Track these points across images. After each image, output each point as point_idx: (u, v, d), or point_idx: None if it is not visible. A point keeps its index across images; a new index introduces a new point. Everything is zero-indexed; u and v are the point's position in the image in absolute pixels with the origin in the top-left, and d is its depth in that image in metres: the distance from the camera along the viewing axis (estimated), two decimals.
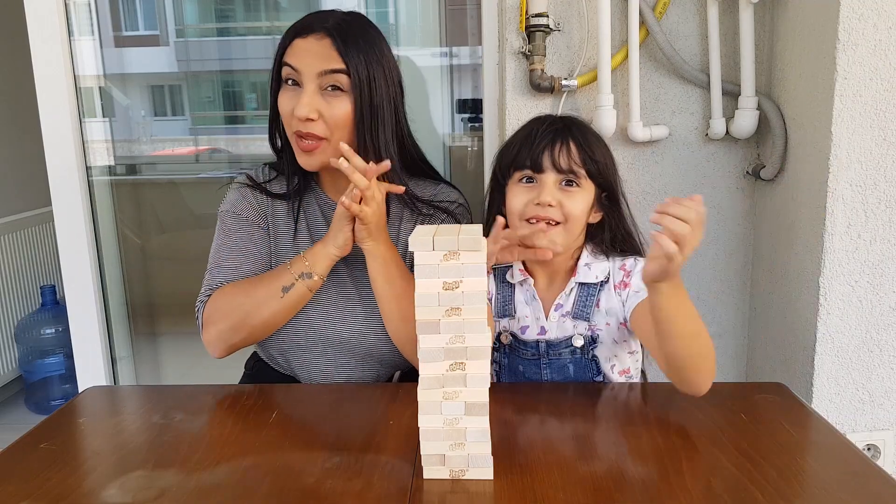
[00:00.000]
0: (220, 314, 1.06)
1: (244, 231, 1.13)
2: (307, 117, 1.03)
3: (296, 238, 1.14)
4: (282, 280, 1.05)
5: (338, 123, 1.05)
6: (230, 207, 1.15)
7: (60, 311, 2.49)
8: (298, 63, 1.04)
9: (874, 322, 1.28)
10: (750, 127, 1.43)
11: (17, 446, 0.85)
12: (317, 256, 1.06)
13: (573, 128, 1.03)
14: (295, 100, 1.04)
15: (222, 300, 1.07)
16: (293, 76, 1.05)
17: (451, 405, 0.72)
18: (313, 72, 1.03)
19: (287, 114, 1.06)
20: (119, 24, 2.02)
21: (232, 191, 1.17)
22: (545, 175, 1.00)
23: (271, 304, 1.05)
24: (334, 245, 1.05)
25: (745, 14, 1.38)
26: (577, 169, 1.00)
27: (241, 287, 1.07)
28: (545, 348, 1.05)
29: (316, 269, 1.05)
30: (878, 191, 1.22)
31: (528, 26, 1.41)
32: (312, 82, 1.04)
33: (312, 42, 1.04)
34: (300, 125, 1.04)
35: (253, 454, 0.81)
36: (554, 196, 0.99)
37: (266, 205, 1.15)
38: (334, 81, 1.04)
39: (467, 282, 0.69)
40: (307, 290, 1.06)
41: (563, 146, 1.00)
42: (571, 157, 1.00)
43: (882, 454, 1.33)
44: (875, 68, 1.18)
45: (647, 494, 0.70)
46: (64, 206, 1.73)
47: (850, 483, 0.72)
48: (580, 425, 0.88)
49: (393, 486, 0.73)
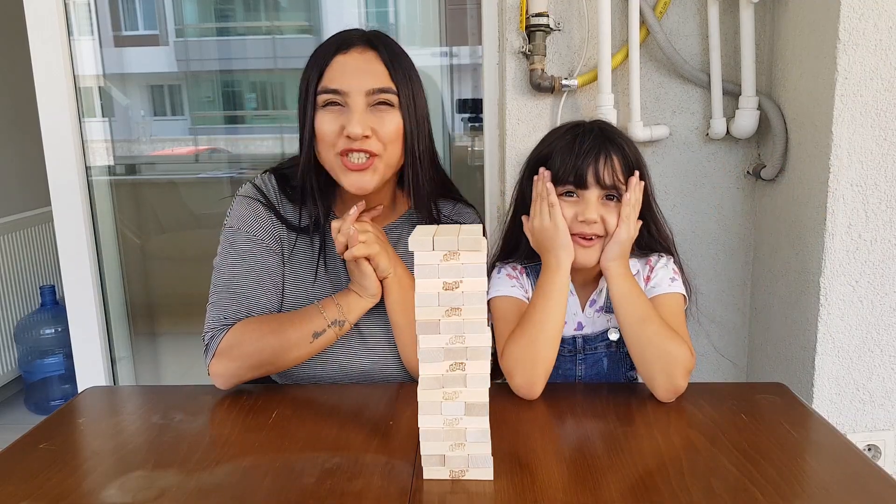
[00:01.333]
0: (242, 352, 1.00)
1: (259, 256, 1.06)
2: (363, 135, 0.98)
3: (316, 270, 1.10)
4: (314, 325, 1.01)
5: (391, 139, 1.01)
6: (242, 225, 1.07)
7: (60, 311, 2.49)
8: (345, 84, 0.99)
9: (874, 322, 1.27)
10: (750, 127, 1.43)
11: (17, 446, 0.85)
12: (352, 305, 1.03)
13: (615, 139, 1.02)
14: (340, 119, 1.00)
15: (246, 337, 1.01)
16: (336, 99, 1.00)
17: (451, 405, 0.72)
18: (362, 89, 0.99)
19: (332, 134, 1.00)
20: (119, 24, 2.02)
21: (240, 204, 1.09)
22: (589, 192, 0.99)
23: (301, 349, 1.01)
24: (369, 295, 1.03)
25: (746, 14, 1.38)
26: (619, 185, 0.99)
27: (269, 326, 1.02)
28: (581, 343, 1.06)
29: (350, 317, 1.03)
30: (878, 191, 1.22)
31: (529, 26, 1.41)
32: (361, 100, 0.99)
33: (356, 57, 1.01)
34: (352, 143, 0.99)
35: (253, 454, 0.81)
36: (598, 212, 0.99)
37: (280, 227, 1.09)
38: (384, 99, 1.00)
39: (467, 282, 0.69)
40: (335, 337, 1.03)
41: (608, 161, 0.99)
42: (615, 172, 0.99)
43: (882, 454, 1.33)
44: (875, 68, 1.18)
45: (647, 494, 0.70)
46: (64, 206, 1.73)
47: (850, 483, 0.72)
48: (580, 425, 0.88)
49: (393, 486, 0.73)
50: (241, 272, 1.05)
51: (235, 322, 1.02)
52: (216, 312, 1.04)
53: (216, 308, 1.04)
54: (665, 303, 1.02)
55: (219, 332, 1.02)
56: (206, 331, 1.04)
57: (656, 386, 0.93)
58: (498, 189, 1.63)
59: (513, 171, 1.52)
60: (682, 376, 0.92)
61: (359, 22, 2.05)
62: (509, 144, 1.51)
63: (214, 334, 1.02)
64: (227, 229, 1.08)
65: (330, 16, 2.09)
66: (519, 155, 1.52)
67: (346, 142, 0.99)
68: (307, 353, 1.03)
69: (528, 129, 1.50)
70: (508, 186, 1.53)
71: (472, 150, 2.00)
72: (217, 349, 1.01)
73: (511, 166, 1.52)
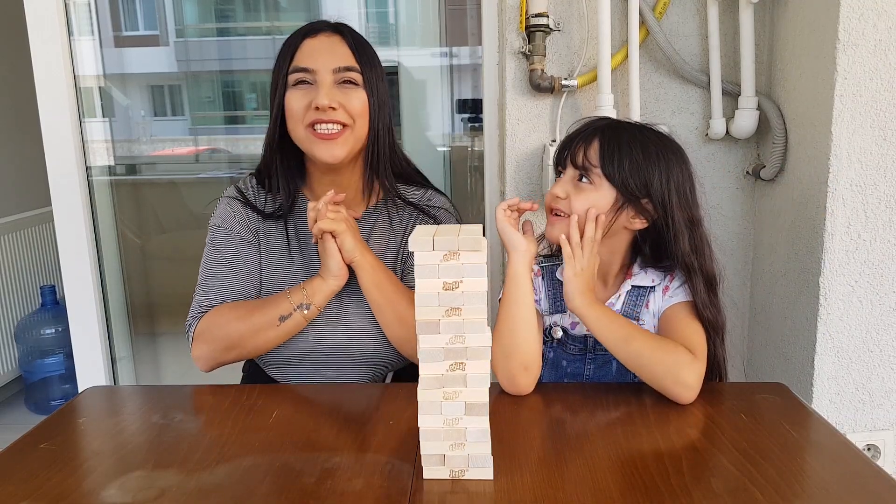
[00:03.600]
0: (213, 335, 1.08)
1: (234, 248, 1.14)
2: (329, 106, 1.05)
3: (290, 254, 1.15)
4: (280, 309, 1.07)
5: (358, 112, 1.08)
6: (220, 222, 1.15)
7: (60, 311, 2.49)
8: (312, 62, 1.07)
9: (874, 322, 1.28)
10: (750, 127, 1.43)
11: (17, 446, 0.85)
12: (316, 289, 1.07)
13: (609, 129, 1.02)
14: (308, 96, 1.06)
15: (216, 322, 1.08)
16: (305, 77, 1.07)
17: (451, 405, 0.72)
18: (329, 67, 1.07)
19: (301, 109, 1.07)
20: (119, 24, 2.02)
21: (221, 204, 1.18)
22: (567, 170, 1.03)
23: (267, 333, 1.07)
24: (332, 276, 1.07)
25: (745, 14, 1.38)
26: (589, 166, 1.00)
27: (238, 311, 1.09)
28: (593, 343, 1.06)
29: (315, 300, 1.07)
30: (878, 191, 1.22)
31: (528, 26, 1.41)
32: (328, 77, 1.07)
33: (323, 40, 1.09)
34: (321, 115, 1.06)
35: (253, 454, 0.81)
36: (565, 189, 1.01)
37: (256, 220, 1.16)
38: (349, 77, 1.08)
39: (467, 282, 0.69)
40: (303, 320, 1.08)
41: (586, 145, 1.01)
42: (588, 154, 1.00)
43: (882, 454, 1.33)
44: (875, 68, 1.18)
45: (647, 494, 0.70)
46: (64, 206, 1.73)
47: (850, 483, 0.72)
48: (580, 425, 0.88)
49: (393, 486, 0.73)
50: (217, 264, 1.13)
51: (210, 309, 1.10)
52: (195, 303, 1.13)
53: (196, 299, 1.13)
54: (681, 309, 1.02)
55: (195, 319, 1.11)
56: (187, 320, 1.12)
57: (667, 393, 0.93)
58: (498, 189, 1.63)
59: (513, 171, 1.52)
60: (687, 375, 0.91)
61: (359, 22, 2.05)
62: (509, 144, 1.51)
63: (192, 322, 1.11)
64: (210, 228, 1.17)
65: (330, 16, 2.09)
66: (519, 155, 1.52)
67: (314, 114, 1.06)
68: (276, 336, 1.08)
69: (528, 129, 1.50)
70: (508, 186, 1.53)
71: (472, 150, 2.00)
72: (194, 335, 1.10)
73: (511, 166, 1.52)
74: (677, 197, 1.00)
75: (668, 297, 1.04)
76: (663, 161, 1.01)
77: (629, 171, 0.99)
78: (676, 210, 1.00)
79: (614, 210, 1.01)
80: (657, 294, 1.05)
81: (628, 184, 0.99)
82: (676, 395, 0.92)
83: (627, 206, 1.01)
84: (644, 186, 1.00)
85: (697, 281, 1.01)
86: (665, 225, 1.01)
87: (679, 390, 0.92)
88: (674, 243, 1.01)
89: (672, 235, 1.01)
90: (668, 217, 1.00)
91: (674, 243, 1.01)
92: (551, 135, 1.50)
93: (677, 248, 1.01)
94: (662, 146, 1.02)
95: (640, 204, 1.01)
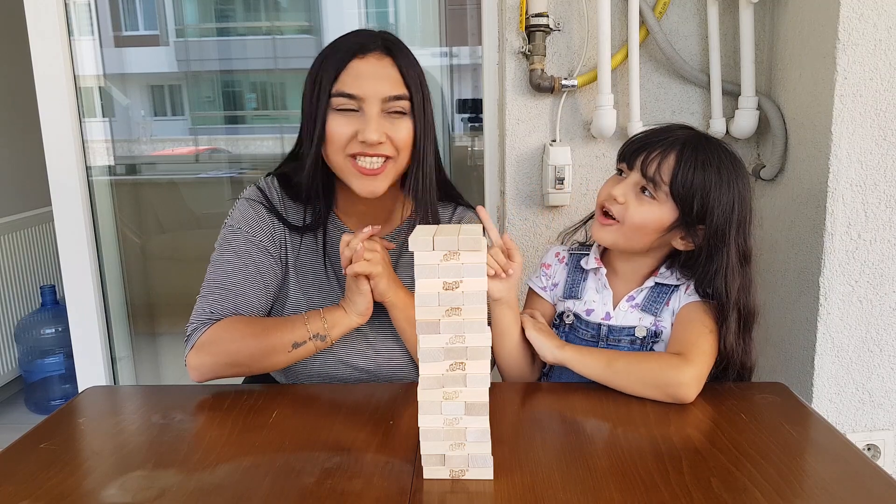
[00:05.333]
0: (220, 349, 1.01)
1: (256, 256, 1.06)
2: (378, 142, 0.99)
3: (326, 274, 1.10)
4: (295, 335, 1.01)
5: (403, 145, 1.02)
6: (242, 225, 1.07)
7: (60, 311, 2.49)
8: (360, 90, 0.99)
9: (874, 322, 1.28)
10: (750, 127, 1.43)
11: (17, 446, 0.85)
12: (336, 321, 1.02)
13: (689, 147, 0.97)
14: (353, 125, 1.00)
15: (227, 335, 1.01)
16: (351, 105, 1.00)
17: (451, 405, 0.72)
18: (378, 97, 1.00)
19: (344, 137, 1.01)
20: (119, 24, 2.02)
21: (243, 206, 1.09)
22: (632, 174, 1.00)
23: (277, 356, 1.01)
24: (356, 313, 1.02)
25: (745, 14, 1.38)
26: (659, 181, 0.97)
27: (252, 328, 1.02)
28: (606, 331, 1.06)
29: (332, 333, 1.02)
30: (878, 191, 1.22)
31: (528, 26, 1.41)
32: (376, 107, 1.00)
33: (373, 62, 1.01)
34: (366, 148, 1.00)
35: (253, 454, 0.81)
36: (624, 194, 0.99)
37: (282, 231, 1.09)
38: (398, 107, 1.01)
39: (467, 282, 0.69)
40: (314, 350, 1.03)
41: (661, 155, 0.97)
42: (661, 168, 0.97)
43: (882, 454, 1.33)
44: (875, 68, 1.18)
45: (647, 494, 0.70)
46: (64, 206, 1.73)
47: (850, 483, 0.72)
48: (580, 425, 0.88)
49: (393, 486, 0.73)
50: (233, 269, 1.05)
51: (220, 318, 1.03)
52: (203, 305, 1.04)
53: (204, 301, 1.05)
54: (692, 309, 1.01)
55: (202, 325, 1.02)
56: (190, 321, 1.04)
57: (666, 397, 0.92)
58: (498, 189, 1.63)
59: (513, 170, 1.52)
60: (677, 374, 0.91)
61: (359, 22, 2.05)
62: (509, 144, 1.51)
63: (198, 327, 1.03)
64: (227, 227, 1.09)
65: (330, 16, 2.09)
66: (519, 155, 1.52)
67: (359, 146, 1.00)
68: (284, 361, 1.02)
69: (528, 129, 1.50)
70: (508, 186, 1.53)
71: (472, 150, 2.00)
72: (197, 342, 1.01)
73: (511, 166, 1.52)
74: (736, 229, 0.98)
75: (687, 295, 1.03)
76: (734, 190, 0.98)
77: (697, 198, 0.96)
78: (731, 242, 0.98)
79: (667, 229, 0.99)
80: (679, 293, 1.04)
81: (692, 208, 0.97)
82: (675, 395, 0.92)
83: (681, 228, 0.99)
84: (705, 214, 0.97)
85: (731, 316, 0.97)
86: (710, 253, 0.99)
87: (674, 389, 0.91)
88: (719, 274, 0.98)
89: (719, 266, 0.98)
90: (720, 247, 0.98)
91: (719, 274, 0.98)
92: (551, 135, 1.50)
93: (720, 280, 0.98)
94: (735, 174, 0.98)
95: (695, 229, 0.99)
